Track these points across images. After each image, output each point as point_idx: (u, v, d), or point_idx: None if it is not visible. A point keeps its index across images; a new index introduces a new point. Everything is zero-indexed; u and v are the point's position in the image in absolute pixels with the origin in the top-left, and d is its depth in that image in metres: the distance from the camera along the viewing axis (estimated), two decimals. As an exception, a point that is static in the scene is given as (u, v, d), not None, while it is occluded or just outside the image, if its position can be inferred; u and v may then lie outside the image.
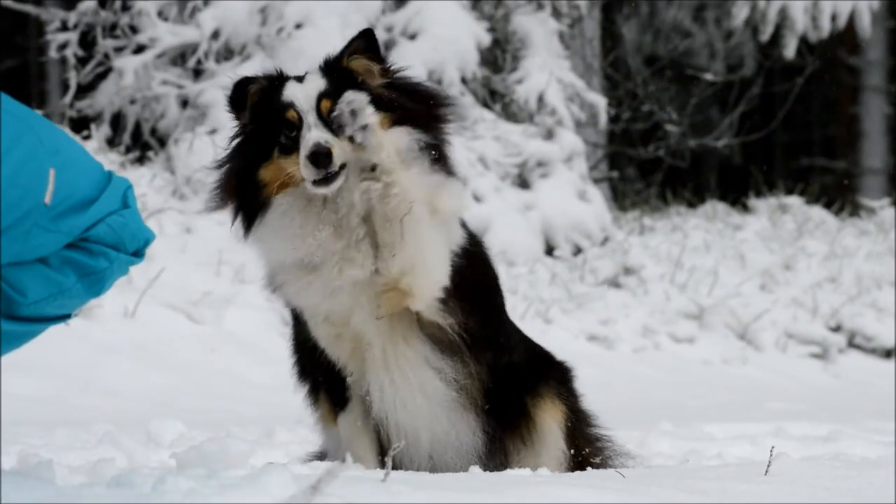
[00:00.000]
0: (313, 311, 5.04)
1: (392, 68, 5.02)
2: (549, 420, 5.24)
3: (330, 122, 4.83)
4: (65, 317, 4.13)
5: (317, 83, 4.92)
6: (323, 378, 5.18)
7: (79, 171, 3.97)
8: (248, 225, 4.96)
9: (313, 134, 4.81)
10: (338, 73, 4.95)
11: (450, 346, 5.04)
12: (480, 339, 5.09)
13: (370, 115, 4.77)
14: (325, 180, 4.78)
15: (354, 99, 4.77)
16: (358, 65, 4.96)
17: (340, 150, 4.79)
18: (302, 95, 4.90)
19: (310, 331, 5.10)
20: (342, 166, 4.80)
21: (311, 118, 4.85)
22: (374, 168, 4.80)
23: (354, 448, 5.08)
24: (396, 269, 4.84)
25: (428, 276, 4.89)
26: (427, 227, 4.84)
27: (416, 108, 4.96)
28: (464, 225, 5.13)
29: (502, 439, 5.18)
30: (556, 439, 5.23)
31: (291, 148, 4.86)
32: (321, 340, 5.09)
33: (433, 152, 4.90)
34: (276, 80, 5.02)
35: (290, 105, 4.89)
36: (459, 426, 5.10)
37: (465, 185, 5.07)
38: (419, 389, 5.04)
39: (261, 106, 5.00)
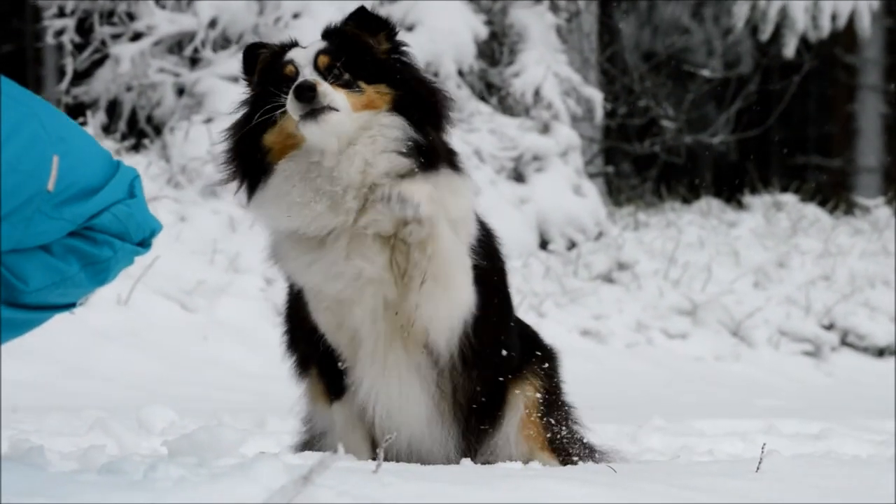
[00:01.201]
0: (315, 293, 5.02)
1: (397, 33, 5.02)
2: (518, 393, 5.25)
3: (325, 74, 4.85)
4: (69, 305, 4.11)
5: (318, 44, 4.97)
6: (320, 362, 5.17)
7: (84, 158, 3.95)
8: (252, 190, 4.97)
9: (300, 78, 4.84)
10: (339, 38, 4.97)
11: (448, 359, 5.05)
12: (479, 355, 5.10)
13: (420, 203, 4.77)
14: (312, 115, 4.77)
15: (407, 191, 4.78)
16: (357, 34, 4.97)
17: (332, 92, 4.79)
18: (301, 54, 4.94)
19: (309, 311, 5.08)
20: (333, 109, 4.79)
21: (306, 70, 4.88)
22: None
23: (348, 439, 5.09)
24: (419, 317, 4.90)
25: (448, 323, 4.95)
26: (450, 274, 4.89)
27: (420, 86, 4.97)
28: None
29: (478, 431, 5.19)
30: (521, 406, 5.25)
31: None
32: (321, 326, 5.08)
33: (428, 148, 4.87)
34: (285, 47, 5.06)
35: (290, 62, 4.93)
36: (436, 433, 5.12)
37: (468, 176, 5.04)
38: (404, 394, 5.05)
39: (267, 70, 5.05)
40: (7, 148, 3.69)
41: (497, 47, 17.57)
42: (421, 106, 4.91)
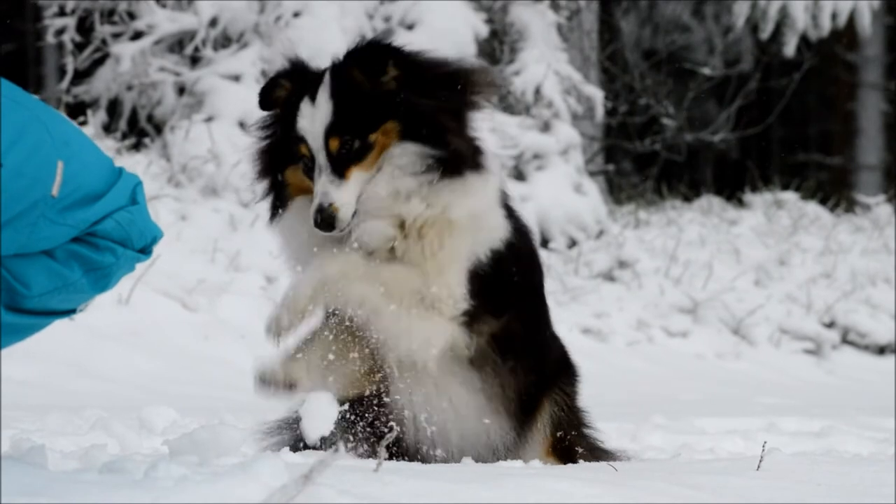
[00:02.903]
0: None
1: (403, 55, 4.86)
2: (547, 408, 5.22)
3: (337, 158, 4.77)
4: (70, 311, 4.11)
5: (325, 111, 4.81)
6: None
7: (87, 164, 3.95)
8: (272, 214, 5.00)
9: (318, 187, 4.77)
10: (344, 86, 4.83)
11: (480, 357, 5.00)
12: (515, 348, 5.04)
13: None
14: (337, 233, 4.77)
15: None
16: (360, 75, 4.85)
17: (349, 200, 4.75)
18: (310, 129, 4.81)
19: None
20: (357, 199, 4.77)
21: (321, 158, 4.79)
22: None
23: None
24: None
25: (432, 345, 4.87)
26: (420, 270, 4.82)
27: (432, 104, 4.84)
28: (510, 212, 5.04)
29: (524, 433, 5.15)
30: (547, 423, 5.22)
31: (310, 171, 4.82)
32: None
33: (449, 157, 4.79)
34: (296, 91, 4.92)
35: (302, 140, 4.82)
36: (491, 427, 5.06)
37: (494, 173, 4.93)
38: (445, 397, 5.00)
39: (284, 115, 4.95)
40: (12, 152, 3.69)
41: (497, 46, 17.57)
42: (431, 124, 4.80)
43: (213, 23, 15.88)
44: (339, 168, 4.77)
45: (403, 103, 4.80)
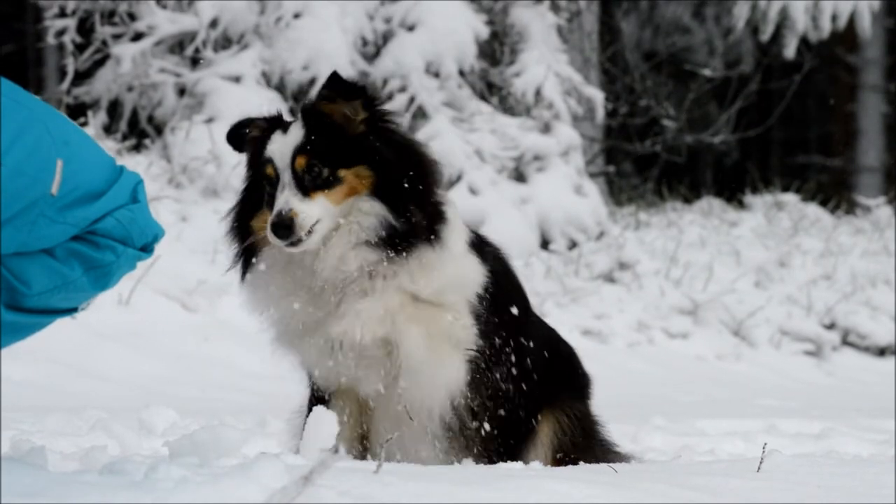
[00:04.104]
0: (310, 370, 5.08)
1: (374, 101, 4.87)
2: (546, 428, 5.22)
3: (303, 178, 4.75)
4: (71, 310, 4.11)
5: (296, 135, 4.81)
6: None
7: (87, 163, 3.96)
8: (243, 271, 5.00)
9: (280, 199, 4.74)
10: (316, 120, 4.82)
11: (455, 421, 5.01)
12: (492, 418, 5.04)
13: None
14: (293, 245, 4.72)
15: None
16: (332, 109, 4.83)
17: (310, 213, 4.71)
18: (279, 151, 4.80)
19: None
20: (317, 221, 4.72)
21: (286, 176, 4.76)
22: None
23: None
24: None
25: (436, 403, 4.94)
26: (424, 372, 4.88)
27: (401, 161, 4.82)
28: (480, 250, 5.02)
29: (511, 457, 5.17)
30: (547, 445, 5.21)
31: (272, 204, 4.79)
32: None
33: (406, 231, 4.77)
34: (269, 128, 4.92)
35: (269, 161, 4.81)
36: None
37: (445, 245, 4.86)
38: (421, 452, 5.02)
39: (255, 154, 4.95)
40: (12, 152, 3.70)
41: (498, 47, 17.57)
42: (401, 183, 4.77)
43: (214, 24, 15.89)
44: (304, 187, 4.74)
45: (374, 150, 4.78)
